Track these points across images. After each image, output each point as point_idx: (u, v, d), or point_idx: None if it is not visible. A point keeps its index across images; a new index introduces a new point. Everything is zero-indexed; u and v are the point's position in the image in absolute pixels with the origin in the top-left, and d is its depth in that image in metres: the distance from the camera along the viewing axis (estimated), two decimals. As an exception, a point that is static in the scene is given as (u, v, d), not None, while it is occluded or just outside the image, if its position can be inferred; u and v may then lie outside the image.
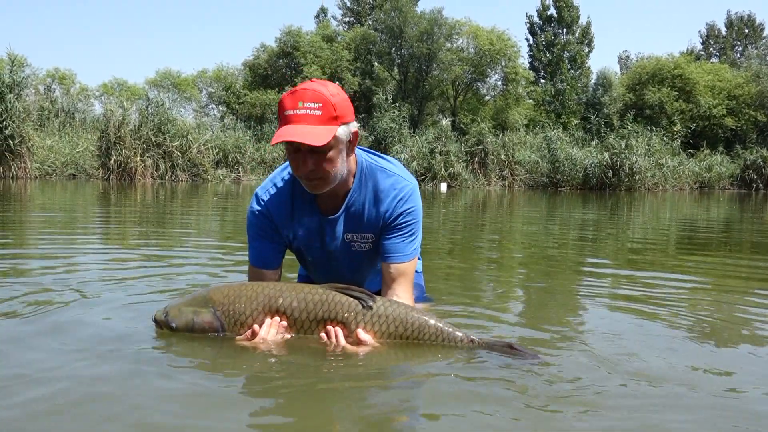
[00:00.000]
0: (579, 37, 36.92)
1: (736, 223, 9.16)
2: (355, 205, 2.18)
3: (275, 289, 2.03)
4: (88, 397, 1.63)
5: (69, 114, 23.51)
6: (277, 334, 1.98)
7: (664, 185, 22.87)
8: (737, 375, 1.95)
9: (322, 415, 1.60)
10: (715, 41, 45.71)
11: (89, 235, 5.62)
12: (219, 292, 2.07)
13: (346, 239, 2.23)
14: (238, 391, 1.73)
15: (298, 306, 2.00)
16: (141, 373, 1.79)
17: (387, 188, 2.16)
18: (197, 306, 2.06)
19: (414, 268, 2.25)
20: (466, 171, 22.08)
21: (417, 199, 2.21)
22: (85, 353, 1.96)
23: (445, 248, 5.26)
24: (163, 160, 18.55)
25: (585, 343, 2.22)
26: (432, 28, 31.35)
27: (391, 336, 2.00)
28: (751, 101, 31.07)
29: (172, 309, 2.08)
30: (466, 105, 34.48)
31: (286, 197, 2.20)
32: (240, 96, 32.42)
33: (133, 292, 2.91)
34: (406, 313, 2.02)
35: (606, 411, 1.62)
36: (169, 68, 37.20)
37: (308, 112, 1.92)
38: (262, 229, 2.21)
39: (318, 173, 1.99)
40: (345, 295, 2.01)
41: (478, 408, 1.62)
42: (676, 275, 3.98)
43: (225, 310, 2.03)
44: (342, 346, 1.95)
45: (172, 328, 2.05)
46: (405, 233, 2.18)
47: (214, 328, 2.04)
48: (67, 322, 2.33)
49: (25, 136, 17.05)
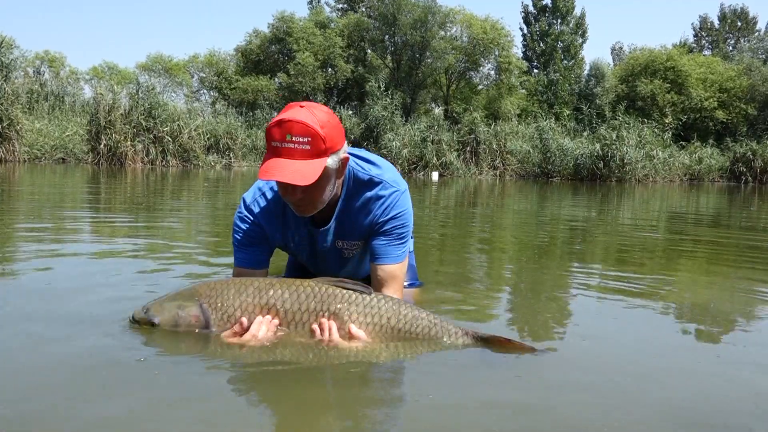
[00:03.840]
0: (573, 27, 36.87)
1: (725, 217, 9.23)
2: (344, 214, 2.18)
3: (265, 282, 1.97)
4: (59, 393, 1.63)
5: (58, 97, 23.30)
6: (268, 332, 1.89)
7: (654, 177, 22.98)
8: (735, 371, 1.97)
9: (312, 410, 1.61)
10: (708, 34, 45.77)
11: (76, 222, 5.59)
12: (205, 285, 1.98)
13: (337, 246, 2.24)
14: (225, 384, 1.73)
15: (289, 297, 1.93)
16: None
17: (375, 196, 2.14)
18: (182, 300, 1.95)
19: (404, 271, 2.23)
20: (457, 160, 22.08)
21: (405, 203, 2.18)
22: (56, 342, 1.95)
23: (435, 238, 5.27)
24: (154, 145, 18.42)
25: (580, 336, 2.23)
26: (426, 16, 31.18)
27: (383, 329, 1.95)
28: (742, 94, 31.20)
29: (154, 305, 1.96)
30: (458, 94, 34.42)
31: (276, 209, 2.18)
32: (232, 82, 32.19)
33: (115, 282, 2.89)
34: (398, 306, 1.99)
35: (605, 405, 1.64)
36: (160, 53, 36.91)
37: (296, 147, 1.88)
38: (251, 236, 2.19)
39: (306, 201, 1.99)
40: (338, 287, 1.96)
41: (475, 400, 1.63)
42: (664, 265, 4.01)
43: (212, 302, 1.93)
44: (335, 341, 1.90)
45: (155, 325, 1.92)
46: (394, 236, 2.17)
47: (200, 322, 1.92)
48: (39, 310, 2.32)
49: (14, 119, 16.87)
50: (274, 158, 1.90)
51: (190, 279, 2.98)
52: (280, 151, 1.89)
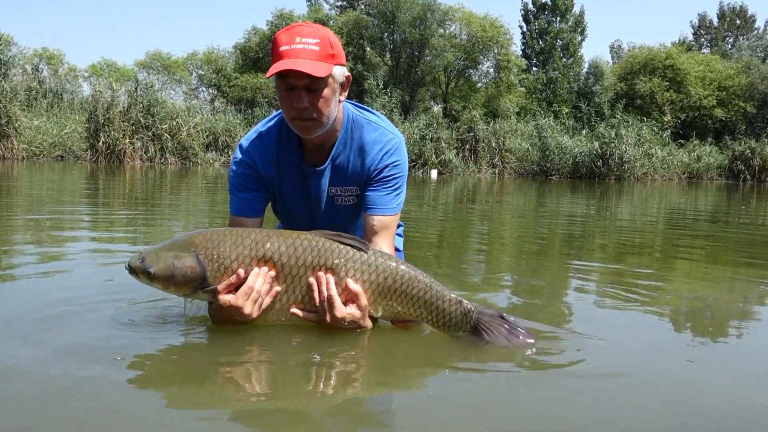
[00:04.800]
0: (572, 25, 36.83)
1: (723, 214, 9.24)
2: (341, 157, 2.14)
3: (262, 234, 1.92)
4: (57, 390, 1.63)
5: (57, 95, 23.25)
6: (264, 284, 1.85)
7: (653, 175, 22.98)
8: (732, 369, 1.97)
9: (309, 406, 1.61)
10: (707, 32, 45.76)
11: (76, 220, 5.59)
12: (201, 236, 1.90)
13: (330, 193, 2.19)
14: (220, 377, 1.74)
15: (286, 251, 1.88)
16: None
17: (373, 141, 2.13)
18: (177, 250, 1.87)
19: (396, 223, 2.20)
20: (456, 158, 22.09)
21: (403, 153, 2.18)
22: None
23: (433, 236, 5.27)
24: (153, 143, 18.41)
25: (576, 330, 2.24)
26: (425, 14, 31.13)
27: (380, 287, 1.91)
28: (740, 92, 31.18)
29: (149, 254, 1.87)
30: (457, 92, 34.36)
31: (271, 146, 2.15)
32: (230, 79, 32.13)
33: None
34: (397, 265, 1.94)
35: (605, 404, 1.64)
36: (159, 50, 36.80)
37: (306, 47, 1.88)
38: (247, 179, 2.16)
39: (312, 112, 1.94)
40: (335, 241, 1.92)
41: (471, 394, 1.64)
42: (663, 262, 4.02)
43: (209, 254, 1.86)
44: (331, 296, 1.86)
45: (150, 274, 1.84)
46: (390, 186, 2.13)
47: (196, 273, 1.84)
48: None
49: (12, 117, 16.85)
50: (282, 60, 1.88)
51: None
52: (289, 53, 1.88)
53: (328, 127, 2.02)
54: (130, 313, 2.18)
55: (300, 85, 1.90)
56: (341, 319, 1.86)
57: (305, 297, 1.90)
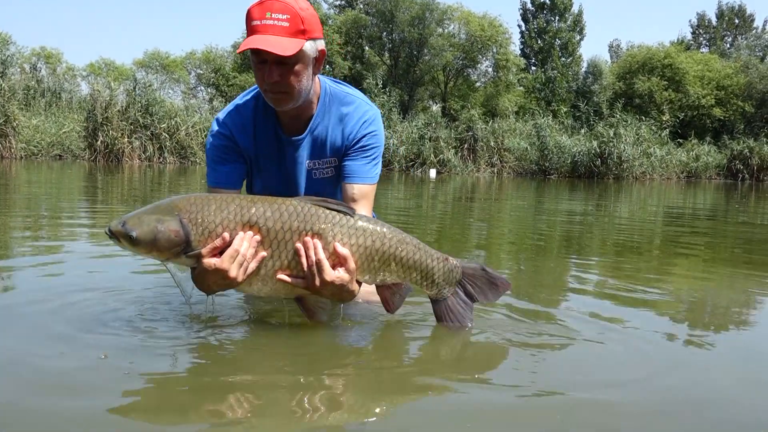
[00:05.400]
0: (571, 24, 36.86)
1: (721, 213, 9.25)
2: (319, 128, 2.18)
3: (247, 199, 1.87)
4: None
5: (55, 94, 23.20)
6: (249, 248, 1.80)
7: (651, 174, 22.99)
8: (731, 366, 1.97)
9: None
10: (706, 31, 45.78)
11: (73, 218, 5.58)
12: (185, 200, 1.85)
13: (308, 167, 2.22)
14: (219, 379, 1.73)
15: (272, 216, 1.84)
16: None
17: (351, 112, 2.18)
18: (160, 214, 1.81)
19: (373, 194, 2.22)
20: (455, 157, 22.08)
21: (380, 125, 2.23)
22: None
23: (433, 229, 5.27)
24: (151, 142, 18.38)
25: (579, 333, 2.24)
26: (423, 13, 31.14)
27: (368, 251, 1.89)
28: (739, 92, 31.19)
29: (131, 218, 1.81)
30: (456, 91, 34.36)
31: (248, 117, 2.17)
32: (229, 78, 32.10)
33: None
34: (383, 228, 1.93)
35: (605, 403, 1.64)
36: (157, 49, 36.77)
37: (276, 23, 1.91)
38: (225, 150, 2.17)
39: (283, 86, 1.97)
40: (320, 207, 1.89)
41: (468, 386, 1.63)
42: (661, 258, 4.02)
43: (192, 218, 1.81)
44: (320, 260, 1.82)
45: (132, 239, 1.77)
46: (368, 155, 2.18)
47: (180, 237, 1.79)
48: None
49: (10, 116, 16.81)
50: (253, 35, 1.92)
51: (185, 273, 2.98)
52: (259, 28, 1.92)
53: (301, 100, 2.05)
54: (118, 311, 2.17)
55: (271, 60, 1.93)
56: (330, 282, 1.82)
57: (291, 262, 1.86)
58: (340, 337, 2.03)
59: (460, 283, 2.04)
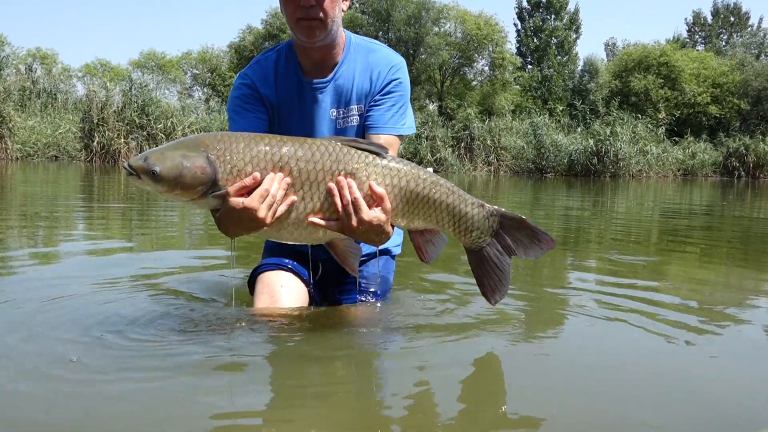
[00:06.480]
0: (567, 23, 36.89)
1: (718, 209, 9.28)
2: (345, 75, 2.13)
3: (276, 138, 1.77)
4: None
5: (51, 94, 23.16)
6: (279, 189, 1.70)
7: (648, 172, 23.03)
8: (730, 367, 1.97)
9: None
10: (701, 29, 45.86)
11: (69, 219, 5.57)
12: (211, 137, 1.74)
13: (332, 116, 2.15)
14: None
15: (303, 155, 1.74)
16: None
17: (379, 58, 2.15)
18: (185, 150, 1.69)
19: (398, 148, 2.13)
20: (452, 156, 22.11)
21: (407, 75, 2.20)
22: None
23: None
24: (147, 143, 18.34)
25: (579, 332, 2.24)
26: (419, 12, 31.14)
27: (402, 191, 1.80)
28: (735, 89, 31.28)
29: (154, 153, 1.69)
30: (453, 90, 34.38)
31: (269, 69, 2.15)
32: (225, 78, 32.09)
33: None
34: (417, 170, 1.84)
35: (604, 404, 1.64)
36: (153, 49, 36.80)
37: None
38: (246, 100, 2.13)
39: (318, 11, 1.95)
40: (351, 147, 1.79)
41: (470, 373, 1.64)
42: (658, 258, 4.03)
43: (220, 155, 1.69)
44: (356, 198, 1.73)
45: (155, 174, 1.64)
46: (395, 104, 2.12)
47: (206, 174, 1.67)
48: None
49: (6, 117, 16.78)
50: None
51: (185, 273, 2.98)
52: None
53: (331, 34, 2.03)
54: (114, 311, 2.17)
55: None
56: (368, 221, 1.73)
57: (324, 203, 1.76)
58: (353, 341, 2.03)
59: (497, 234, 1.89)
